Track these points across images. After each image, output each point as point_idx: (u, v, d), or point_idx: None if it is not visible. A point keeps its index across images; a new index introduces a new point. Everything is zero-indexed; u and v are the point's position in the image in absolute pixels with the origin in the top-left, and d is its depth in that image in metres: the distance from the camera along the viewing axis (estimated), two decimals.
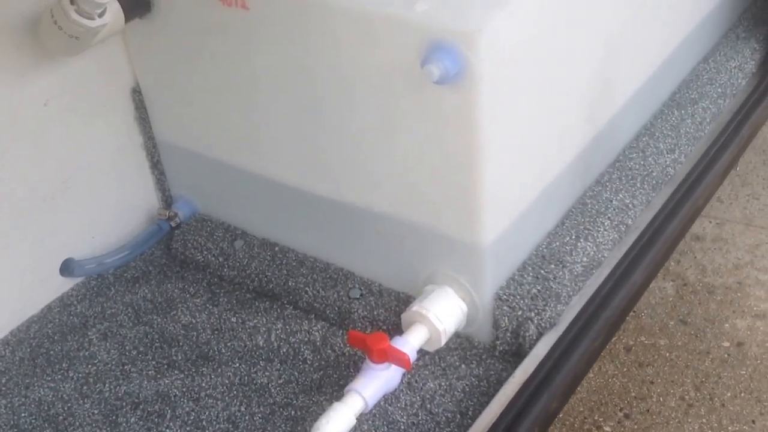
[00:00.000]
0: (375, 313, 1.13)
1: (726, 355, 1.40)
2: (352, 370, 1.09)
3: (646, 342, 1.42)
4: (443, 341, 1.07)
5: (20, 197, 1.16)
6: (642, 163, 1.26)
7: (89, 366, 1.14)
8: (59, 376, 1.13)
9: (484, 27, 0.90)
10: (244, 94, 1.15)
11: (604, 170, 1.26)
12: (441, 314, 1.07)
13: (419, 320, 1.07)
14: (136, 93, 1.26)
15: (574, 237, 1.14)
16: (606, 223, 1.17)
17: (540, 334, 1.06)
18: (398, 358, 0.99)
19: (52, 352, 1.16)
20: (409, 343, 1.05)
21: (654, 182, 1.24)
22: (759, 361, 1.37)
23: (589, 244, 1.14)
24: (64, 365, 1.14)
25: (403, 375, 1.06)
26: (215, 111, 1.20)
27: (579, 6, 1.06)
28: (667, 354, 1.40)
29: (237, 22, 1.07)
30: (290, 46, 1.05)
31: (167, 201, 1.35)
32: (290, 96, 1.09)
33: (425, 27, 0.92)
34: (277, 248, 1.24)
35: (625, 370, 1.37)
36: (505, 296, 1.08)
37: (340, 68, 1.02)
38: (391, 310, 1.13)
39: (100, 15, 1.04)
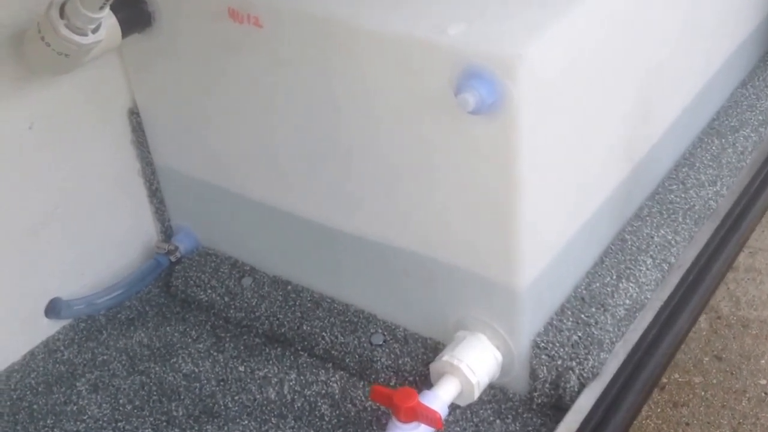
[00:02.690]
0: (400, 362, 1.03)
1: (763, 394, 1.31)
2: (375, 427, 0.99)
3: (680, 380, 1.34)
4: (476, 395, 0.97)
5: (0, 231, 1.04)
6: (683, 195, 1.16)
7: (78, 423, 1.01)
8: None
9: (524, 52, 0.81)
10: (256, 119, 1.04)
11: (643, 203, 1.16)
12: (474, 365, 0.96)
13: (450, 371, 0.97)
14: (134, 115, 1.15)
15: (615, 277, 1.04)
16: (648, 262, 1.07)
17: (582, 386, 0.96)
18: (429, 417, 0.89)
19: (35, 407, 1.04)
20: (440, 399, 0.94)
21: (696, 216, 1.14)
22: None
23: (631, 284, 1.04)
24: (48, 422, 1.01)
25: None
26: (222, 136, 1.09)
27: (620, 32, 0.98)
28: (703, 393, 1.31)
29: (249, 40, 0.97)
30: (308, 70, 0.95)
31: (167, 233, 1.23)
32: (308, 122, 0.99)
33: (459, 52, 0.82)
34: (289, 287, 1.13)
35: (659, 410, 1.29)
36: (543, 344, 0.98)
37: (365, 95, 0.92)
38: (418, 359, 1.03)
39: (94, 31, 0.92)
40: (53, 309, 1.12)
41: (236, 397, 1.04)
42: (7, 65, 1.00)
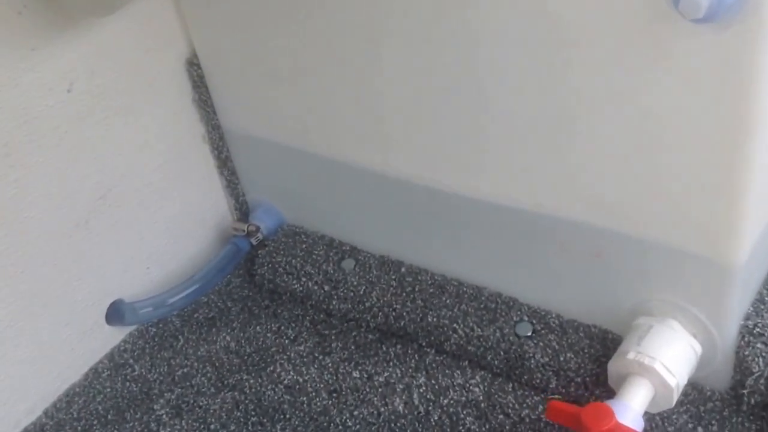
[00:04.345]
0: (561, 358, 0.82)
1: None
2: None
3: None
4: (675, 399, 0.77)
5: (44, 225, 0.83)
6: None
7: None
8: None
9: None
10: (356, 60, 0.80)
11: None
12: (671, 362, 0.74)
13: (639, 372, 0.75)
14: (193, 66, 0.92)
15: None
16: None
17: None
18: None
19: None
20: (632, 410, 0.73)
21: None
22: None
23: None
24: None
25: None
26: (309, 86, 0.85)
27: None
28: None
29: None
30: None
31: (242, 210, 1.01)
32: (430, 57, 0.75)
33: None
34: (403, 269, 0.91)
35: None
36: (757, 329, 0.75)
37: (515, 12, 0.67)
38: (585, 354, 0.81)
39: None
40: (115, 314, 0.91)
41: (355, 412, 0.83)
42: (35, 11, 0.77)
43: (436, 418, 0.82)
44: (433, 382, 0.85)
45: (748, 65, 0.60)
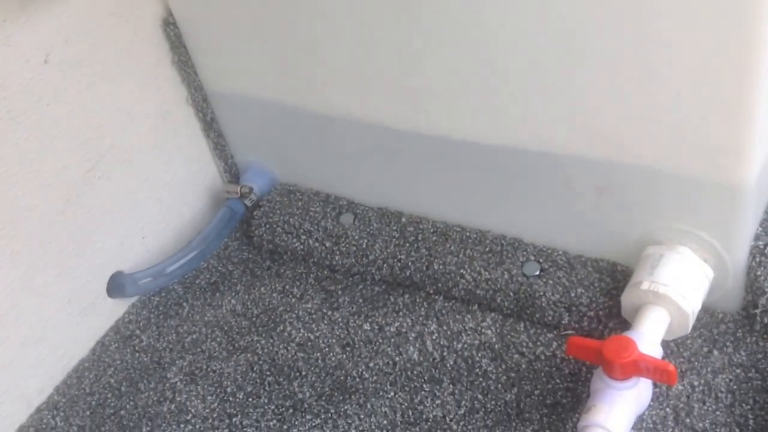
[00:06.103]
0: (572, 294, 0.82)
1: None
2: (557, 380, 0.79)
3: None
4: (690, 326, 0.77)
5: (35, 203, 0.80)
6: None
7: (182, 425, 0.80)
8: None
9: None
10: (339, 6, 0.77)
11: None
12: (684, 288, 0.75)
13: (654, 301, 0.75)
14: (170, 26, 0.88)
15: None
16: None
17: None
18: (659, 370, 0.69)
19: (122, 412, 0.83)
20: (650, 339, 0.73)
21: None
22: None
23: None
24: (145, 430, 0.81)
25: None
26: (291, 37, 0.82)
27: None
28: None
29: None
30: None
31: (232, 172, 0.99)
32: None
33: None
34: (403, 219, 0.90)
35: None
36: None
37: None
38: (595, 288, 0.81)
39: None
40: (116, 286, 0.89)
41: (371, 364, 0.83)
42: None
43: (451, 362, 0.82)
44: (444, 328, 0.85)
45: None
